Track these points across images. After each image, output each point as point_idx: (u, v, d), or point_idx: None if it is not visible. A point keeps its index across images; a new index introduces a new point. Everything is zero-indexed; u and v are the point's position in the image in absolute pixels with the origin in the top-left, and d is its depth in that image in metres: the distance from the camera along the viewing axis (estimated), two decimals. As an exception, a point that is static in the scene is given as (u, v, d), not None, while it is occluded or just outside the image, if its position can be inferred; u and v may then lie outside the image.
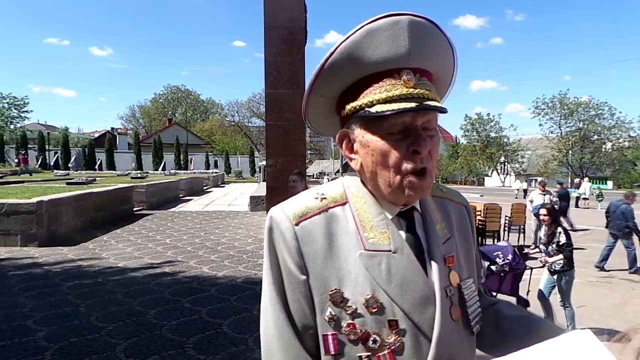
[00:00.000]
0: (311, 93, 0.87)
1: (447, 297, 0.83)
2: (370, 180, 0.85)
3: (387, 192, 0.83)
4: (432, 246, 0.86)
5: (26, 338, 3.88)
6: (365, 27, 0.78)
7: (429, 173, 0.82)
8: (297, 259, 0.82)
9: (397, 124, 0.79)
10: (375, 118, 0.79)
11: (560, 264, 4.67)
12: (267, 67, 9.59)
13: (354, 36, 0.79)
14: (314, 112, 0.93)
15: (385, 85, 0.80)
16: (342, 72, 0.82)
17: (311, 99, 0.89)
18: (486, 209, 9.58)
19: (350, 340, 0.79)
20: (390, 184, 0.82)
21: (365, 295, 0.79)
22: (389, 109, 0.77)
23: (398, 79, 0.79)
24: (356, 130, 0.84)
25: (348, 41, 0.79)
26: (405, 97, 0.78)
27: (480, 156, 54.83)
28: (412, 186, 0.81)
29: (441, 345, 0.80)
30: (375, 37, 0.78)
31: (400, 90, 0.78)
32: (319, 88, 0.86)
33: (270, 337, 0.84)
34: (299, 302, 0.82)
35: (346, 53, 0.80)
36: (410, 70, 0.80)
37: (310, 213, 0.84)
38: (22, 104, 45.22)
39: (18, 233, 8.00)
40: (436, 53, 0.84)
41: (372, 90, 0.80)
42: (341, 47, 0.80)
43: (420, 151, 0.79)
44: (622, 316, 5.32)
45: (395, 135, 0.80)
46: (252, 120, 70.05)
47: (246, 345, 3.76)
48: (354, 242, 0.83)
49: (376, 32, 0.78)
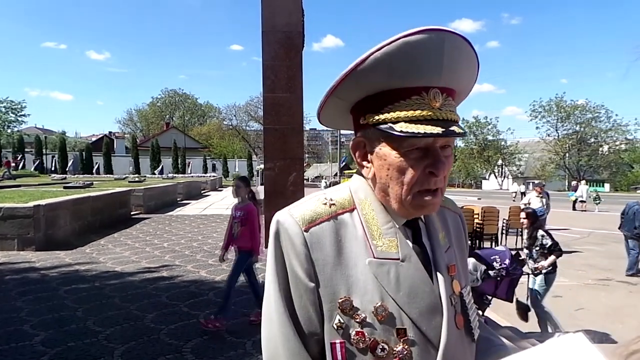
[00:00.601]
0: (331, 95, 0.85)
1: (452, 306, 0.84)
2: (381, 191, 0.85)
3: (396, 207, 0.83)
4: (437, 255, 0.87)
5: (23, 343, 3.86)
6: (401, 40, 0.74)
7: (440, 192, 0.82)
8: (307, 265, 0.80)
9: (417, 143, 0.78)
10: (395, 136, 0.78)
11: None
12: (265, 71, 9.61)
13: (388, 47, 0.75)
14: (328, 111, 0.91)
15: (413, 104, 0.78)
16: (369, 81, 0.80)
17: (330, 100, 0.87)
18: (484, 212, 9.60)
19: (359, 349, 0.78)
20: (401, 200, 0.82)
21: (375, 303, 0.79)
22: (414, 130, 0.76)
23: (426, 97, 0.78)
24: (374, 141, 0.83)
25: (381, 52, 0.76)
26: (431, 119, 0.77)
27: (477, 159, 54.99)
28: (422, 204, 0.81)
29: (448, 354, 0.80)
30: (410, 52, 0.75)
31: (427, 112, 0.77)
32: (340, 92, 0.84)
33: (275, 344, 0.83)
34: (306, 309, 0.81)
35: (377, 63, 0.77)
36: (438, 90, 0.79)
37: (319, 219, 0.83)
38: (20, 107, 45.02)
39: (15, 237, 7.97)
40: (464, 71, 0.83)
41: (398, 106, 0.78)
42: (373, 56, 0.76)
43: (437, 174, 0.79)
44: (619, 319, 5.33)
45: (414, 154, 0.79)
46: (249, 123, 70.18)
47: (244, 350, 3.75)
48: (363, 249, 0.82)
49: (412, 46, 0.75)
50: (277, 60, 9.32)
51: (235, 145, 64.26)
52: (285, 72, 9.36)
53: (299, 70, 9.48)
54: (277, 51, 9.33)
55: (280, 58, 9.32)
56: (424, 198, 0.81)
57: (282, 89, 9.28)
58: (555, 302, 6.04)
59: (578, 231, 13.17)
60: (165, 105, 76.17)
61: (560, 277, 7.36)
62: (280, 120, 9.22)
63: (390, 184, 0.82)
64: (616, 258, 8.89)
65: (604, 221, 15.95)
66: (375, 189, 0.86)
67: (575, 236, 12.20)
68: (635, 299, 6.20)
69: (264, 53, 9.34)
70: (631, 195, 38.66)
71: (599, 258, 9.11)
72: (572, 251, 9.90)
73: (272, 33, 9.27)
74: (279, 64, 9.32)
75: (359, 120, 0.86)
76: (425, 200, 0.81)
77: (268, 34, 9.26)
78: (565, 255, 9.33)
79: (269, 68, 9.33)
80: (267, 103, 9.59)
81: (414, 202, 0.81)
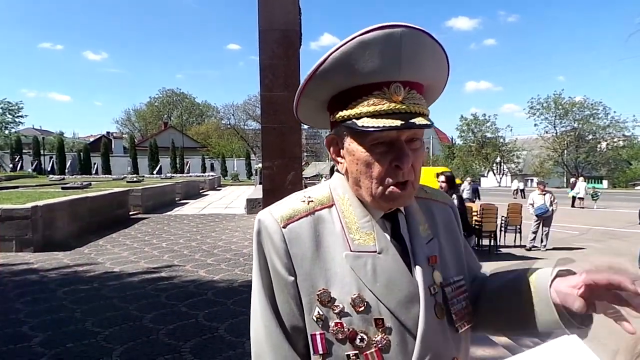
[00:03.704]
0: (301, 96, 0.89)
1: (432, 296, 0.85)
2: (353, 185, 0.88)
3: (369, 200, 0.86)
4: (416, 247, 0.88)
5: (21, 344, 3.84)
6: (357, 39, 0.77)
7: (410, 184, 0.84)
8: (285, 260, 0.83)
9: (381, 137, 0.81)
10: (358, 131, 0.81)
11: None
12: (263, 70, 9.61)
13: (345, 47, 0.78)
14: (304, 110, 0.95)
15: (373, 99, 0.80)
16: (332, 80, 0.83)
17: (302, 100, 0.90)
18: (482, 209, 9.60)
19: (338, 339, 0.80)
20: (372, 193, 0.84)
21: (352, 294, 0.81)
22: (374, 125, 0.78)
23: (387, 92, 0.80)
24: (343, 137, 0.87)
25: (339, 51, 0.79)
26: (392, 112, 0.79)
27: (476, 157, 55.05)
28: (393, 197, 0.83)
29: (426, 343, 0.81)
30: (367, 50, 0.78)
31: (387, 106, 0.79)
32: (309, 92, 0.87)
33: (260, 339, 0.87)
34: (288, 303, 0.84)
35: (337, 63, 0.80)
36: (400, 83, 0.80)
37: (297, 215, 0.86)
38: (17, 109, 45.05)
39: (13, 238, 7.95)
40: (428, 63, 0.84)
41: (361, 102, 0.81)
42: (332, 56, 0.80)
43: (402, 167, 0.81)
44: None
45: (380, 148, 0.82)
46: (248, 123, 70.25)
47: (243, 349, 3.74)
48: (341, 243, 0.84)
49: (368, 44, 0.77)
50: (275, 59, 9.31)
51: (234, 145, 64.30)
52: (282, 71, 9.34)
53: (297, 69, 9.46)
54: (274, 50, 9.32)
55: (278, 57, 9.31)
56: (393, 191, 0.82)
57: (280, 87, 9.27)
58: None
59: (577, 228, 13.19)
60: (163, 105, 76.12)
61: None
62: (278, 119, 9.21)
63: (361, 178, 0.85)
64: (616, 255, 8.91)
65: (603, 218, 15.99)
66: (349, 184, 0.89)
67: (574, 233, 12.23)
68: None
69: (262, 52, 9.32)
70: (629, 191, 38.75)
71: (598, 255, 9.12)
72: (572, 248, 9.93)
73: (269, 32, 9.25)
74: (276, 62, 9.30)
75: (330, 118, 0.90)
76: (394, 193, 0.83)
77: (265, 33, 9.24)
78: (565, 252, 9.38)
79: (267, 67, 9.31)
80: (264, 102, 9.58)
81: (384, 196, 0.83)
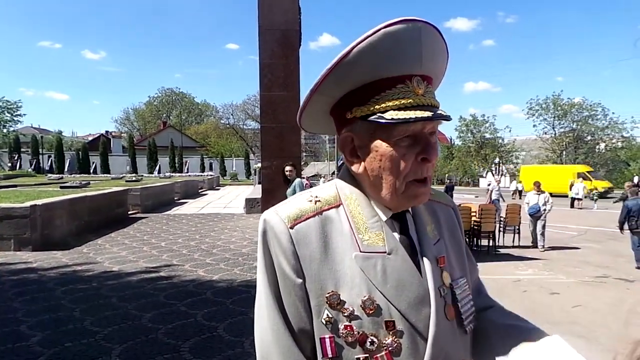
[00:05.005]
0: (316, 92, 0.84)
1: (441, 297, 0.84)
2: (372, 185, 0.85)
3: (389, 198, 0.84)
4: (425, 247, 0.87)
5: (20, 343, 3.83)
6: (383, 30, 0.76)
7: (429, 181, 0.84)
8: (293, 262, 0.81)
9: (407, 131, 0.80)
10: (386, 124, 0.79)
11: None
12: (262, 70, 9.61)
13: (372, 38, 0.76)
14: (310, 111, 0.91)
15: (398, 92, 0.79)
16: (353, 74, 0.80)
17: (314, 97, 0.86)
18: (481, 209, 9.60)
19: (348, 343, 0.78)
20: (394, 190, 0.82)
21: (362, 296, 0.79)
22: (405, 116, 0.77)
23: (410, 85, 0.80)
24: (363, 134, 0.83)
25: (365, 42, 0.77)
26: (418, 106, 0.79)
27: (475, 157, 55.05)
28: (415, 194, 0.83)
29: (437, 345, 0.80)
30: (393, 42, 0.77)
31: (414, 99, 0.79)
32: (325, 87, 0.83)
33: (267, 342, 0.83)
34: (295, 306, 0.81)
35: (362, 54, 0.78)
36: (419, 77, 0.81)
37: (305, 216, 0.84)
38: (15, 107, 44.89)
39: (11, 237, 7.93)
40: (439, 59, 0.86)
41: (385, 96, 0.80)
42: (357, 47, 0.77)
43: (430, 159, 0.80)
44: (617, 316, 5.35)
45: (405, 142, 0.80)
46: (247, 122, 70.11)
47: (242, 349, 3.74)
48: (349, 244, 0.82)
49: (394, 36, 0.76)
50: (274, 59, 9.33)
51: (233, 144, 64.16)
52: (282, 71, 9.38)
53: (296, 69, 9.50)
54: (274, 50, 9.35)
55: (277, 56, 9.34)
56: (417, 188, 0.82)
57: (279, 87, 9.29)
58: (553, 299, 6.06)
59: (575, 229, 13.21)
60: (162, 104, 75.99)
61: (558, 275, 7.41)
62: (277, 118, 9.24)
63: (383, 175, 0.82)
64: (614, 255, 8.92)
65: (601, 219, 16.01)
66: (366, 184, 0.87)
67: (572, 233, 12.25)
68: (632, 296, 6.22)
69: (261, 51, 9.34)
70: (628, 192, 38.71)
71: (596, 255, 9.13)
72: (570, 248, 9.94)
73: (269, 32, 9.28)
74: (275, 62, 9.33)
75: (344, 116, 0.85)
76: (418, 190, 0.83)
77: (265, 32, 9.27)
78: (563, 252, 9.41)
79: (266, 66, 9.34)
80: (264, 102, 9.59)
81: (407, 192, 0.82)
